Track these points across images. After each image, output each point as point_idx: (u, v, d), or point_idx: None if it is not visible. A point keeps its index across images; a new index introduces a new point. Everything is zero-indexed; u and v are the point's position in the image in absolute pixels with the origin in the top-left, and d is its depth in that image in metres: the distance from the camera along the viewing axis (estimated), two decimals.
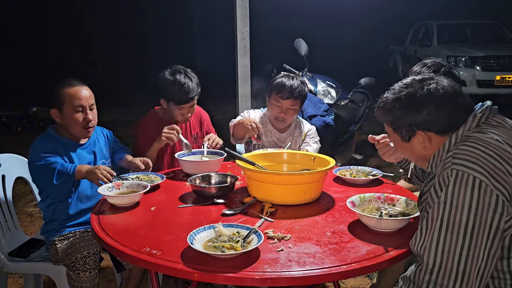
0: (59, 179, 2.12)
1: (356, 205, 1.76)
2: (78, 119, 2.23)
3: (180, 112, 2.61)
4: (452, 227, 1.27)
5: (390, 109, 1.49)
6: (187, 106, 2.60)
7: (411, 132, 1.47)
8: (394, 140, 1.56)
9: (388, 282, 2.26)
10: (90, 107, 2.27)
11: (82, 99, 2.23)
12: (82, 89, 2.25)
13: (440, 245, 1.27)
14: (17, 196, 4.40)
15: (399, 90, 1.48)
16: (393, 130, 1.52)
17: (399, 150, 1.61)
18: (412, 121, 1.45)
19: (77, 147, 2.31)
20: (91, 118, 2.27)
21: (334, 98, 4.91)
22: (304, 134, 2.85)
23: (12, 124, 7.50)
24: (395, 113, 1.48)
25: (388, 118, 1.52)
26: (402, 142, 1.52)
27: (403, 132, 1.49)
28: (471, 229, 1.25)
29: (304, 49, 4.85)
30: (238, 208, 1.85)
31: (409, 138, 1.48)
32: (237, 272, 1.35)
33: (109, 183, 2.02)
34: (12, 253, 2.27)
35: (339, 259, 1.43)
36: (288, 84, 2.67)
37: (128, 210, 1.89)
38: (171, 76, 2.58)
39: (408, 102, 1.45)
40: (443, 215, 1.28)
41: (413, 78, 1.49)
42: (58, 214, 2.27)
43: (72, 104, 2.22)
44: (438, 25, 10.51)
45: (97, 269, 2.12)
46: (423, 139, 1.46)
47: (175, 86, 2.54)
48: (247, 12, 3.83)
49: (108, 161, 2.43)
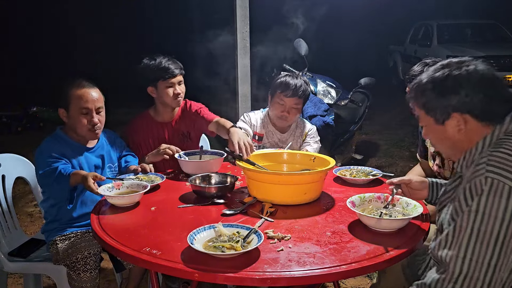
0: (59, 181, 2.11)
1: (356, 205, 1.76)
2: (83, 121, 2.20)
3: (170, 90, 2.59)
4: (483, 237, 1.23)
5: (425, 90, 1.43)
6: (175, 82, 2.60)
7: (446, 115, 1.40)
8: (427, 124, 1.48)
9: (388, 282, 2.26)
10: (97, 110, 2.23)
11: (89, 101, 2.20)
12: (91, 91, 2.22)
13: (468, 255, 1.24)
14: (17, 196, 4.40)
15: (434, 71, 1.43)
16: (426, 112, 1.45)
17: (430, 135, 1.52)
18: (448, 102, 1.38)
19: (85, 151, 2.29)
20: (97, 122, 2.23)
21: (334, 98, 4.91)
22: (305, 134, 2.86)
23: (12, 124, 7.50)
24: (430, 95, 1.42)
25: (421, 100, 1.45)
26: (435, 126, 1.44)
27: (437, 115, 1.42)
28: (502, 240, 1.22)
29: (304, 49, 4.85)
30: (238, 208, 1.85)
31: (444, 121, 1.41)
32: (237, 272, 1.35)
33: (109, 183, 2.02)
34: (12, 253, 2.27)
35: (339, 259, 1.43)
36: (293, 83, 2.68)
37: (128, 210, 1.89)
38: (149, 60, 2.61)
39: (444, 83, 1.39)
40: (473, 225, 1.24)
41: (450, 60, 1.44)
42: (61, 215, 2.26)
43: (78, 106, 2.19)
44: (438, 25, 10.52)
45: (97, 269, 2.11)
46: (457, 121, 1.39)
47: (156, 64, 2.57)
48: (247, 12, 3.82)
49: (115, 165, 2.41)
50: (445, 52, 9.17)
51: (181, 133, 2.76)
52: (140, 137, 2.68)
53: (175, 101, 2.63)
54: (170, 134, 2.73)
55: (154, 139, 2.69)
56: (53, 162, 2.13)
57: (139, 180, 2.16)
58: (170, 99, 2.61)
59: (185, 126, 2.77)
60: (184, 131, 2.77)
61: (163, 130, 2.72)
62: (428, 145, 2.46)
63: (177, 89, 2.61)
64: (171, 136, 2.73)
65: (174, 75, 2.58)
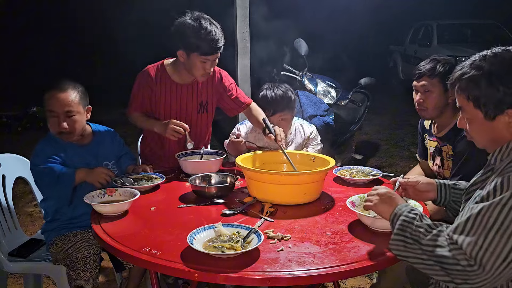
0: (59, 184, 2.12)
1: (356, 205, 1.76)
2: (52, 124, 2.16)
3: (202, 65, 2.31)
4: (504, 231, 1.20)
5: (478, 82, 1.32)
6: (211, 59, 2.31)
7: (499, 110, 1.31)
8: (472, 117, 1.39)
9: (388, 282, 2.26)
10: (67, 113, 2.14)
11: (55, 105, 2.13)
12: (60, 95, 2.13)
13: (485, 245, 1.21)
14: (17, 196, 4.40)
15: (487, 62, 1.33)
16: (475, 106, 1.35)
17: (471, 127, 1.43)
18: (503, 98, 1.29)
19: (78, 149, 2.28)
20: (64, 127, 2.14)
21: (334, 98, 4.91)
22: (307, 138, 2.79)
23: (12, 124, 7.51)
24: (484, 88, 1.32)
25: (472, 93, 1.35)
26: (483, 120, 1.36)
27: (489, 110, 1.33)
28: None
29: (304, 49, 4.85)
30: (238, 208, 1.85)
31: (494, 117, 1.33)
32: (237, 272, 1.35)
33: (102, 189, 1.99)
34: (12, 253, 2.27)
35: (339, 259, 1.43)
36: (270, 96, 2.60)
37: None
38: (195, 22, 2.24)
39: (502, 76, 1.29)
40: (497, 217, 1.22)
41: (505, 49, 1.34)
42: (61, 215, 2.27)
43: (47, 108, 2.15)
44: (438, 25, 10.53)
45: (97, 269, 2.12)
46: (509, 118, 1.31)
47: (200, 33, 2.21)
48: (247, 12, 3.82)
49: (112, 163, 2.39)
50: (445, 52, 9.16)
51: (199, 102, 2.56)
52: (155, 93, 2.46)
53: (202, 77, 2.40)
54: (189, 99, 2.52)
55: (172, 100, 2.49)
56: (48, 162, 2.14)
57: (139, 179, 2.17)
58: (198, 73, 2.35)
59: (206, 95, 2.57)
60: (204, 100, 2.57)
61: (180, 93, 2.50)
62: (427, 145, 2.46)
63: (210, 67, 2.34)
64: (189, 101, 2.53)
65: (213, 53, 2.28)
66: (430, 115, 2.29)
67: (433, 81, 2.19)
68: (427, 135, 2.46)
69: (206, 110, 2.60)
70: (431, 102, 2.22)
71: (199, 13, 2.31)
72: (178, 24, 2.30)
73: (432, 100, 2.22)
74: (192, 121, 2.56)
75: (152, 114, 2.53)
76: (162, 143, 2.62)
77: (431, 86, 2.21)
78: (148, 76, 2.48)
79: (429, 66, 2.21)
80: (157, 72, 2.49)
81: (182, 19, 2.29)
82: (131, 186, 2.07)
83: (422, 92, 2.24)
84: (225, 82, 2.60)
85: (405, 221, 1.35)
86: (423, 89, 2.23)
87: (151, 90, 2.48)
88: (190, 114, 2.55)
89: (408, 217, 1.36)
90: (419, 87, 2.25)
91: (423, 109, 2.26)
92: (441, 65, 2.18)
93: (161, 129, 2.36)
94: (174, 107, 2.51)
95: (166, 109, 2.51)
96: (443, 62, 2.20)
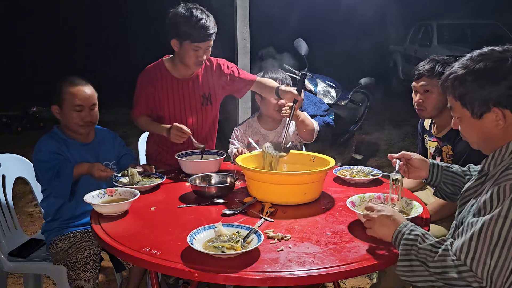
0: (59, 178, 2.12)
1: (356, 205, 1.76)
2: (76, 117, 2.24)
3: (195, 53, 2.36)
4: (510, 244, 1.21)
5: (463, 81, 1.33)
6: (203, 46, 2.35)
7: (485, 108, 1.32)
8: (461, 116, 1.40)
9: (388, 282, 2.26)
10: (91, 107, 2.27)
11: (83, 99, 2.24)
12: (85, 89, 2.26)
13: (493, 262, 1.22)
14: (17, 196, 4.40)
15: (473, 61, 1.33)
16: (462, 105, 1.37)
17: (462, 127, 1.44)
18: (488, 95, 1.30)
19: (80, 147, 2.31)
20: (89, 119, 2.27)
21: (334, 98, 4.92)
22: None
23: (12, 124, 7.51)
24: (469, 86, 1.32)
25: (458, 92, 1.36)
26: (471, 119, 1.37)
27: (475, 108, 1.33)
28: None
29: (304, 49, 4.85)
30: (238, 208, 1.85)
31: (481, 115, 1.34)
32: (237, 272, 1.35)
33: (102, 189, 1.99)
34: (12, 253, 2.27)
35: (339, 259, 1.43)
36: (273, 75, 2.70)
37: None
38: (186, 11, 2.32)
39: (486, 74, 1.29)
40: (500, 231, 1.22)
41: (492, 48, 1.34)
42: (61, 213, 2.27)
43: (72, 103, 2.22)
44: (438, 25, 10.53)
45: (97, 269, 2.12)
46: (496, 116, 1.31)
47: (191, 21, 2.28)
48: (247, 12, 3.83)
49: (112, 163, 2.41)
50: (445, 52, 9.17)
51: (201, 94, 2.59)
52: (158, 91, 2.49)
53: (195, 65, 2.43)
54: (192, 93, 2.55)
55: (174, 95, 2.53)
56: (51, 158, 2.17)
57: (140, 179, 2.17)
58: (191, 61, 2.40)
59: (208, 86, 2.59)
60: (206, 92, 2.59)
61: (182, 88, 2.54)
62: (428, 146, 2.46)
63: (202, 55, 2.38)
64: (192, 94, 2.56)
65: (203, 40, 2.33)
66: (429, 115, 2.29)
67: (432, 81, 2.19)
68: (427, 136, 2.46)
69: (210, 102, 2.62)
70: (430, 102, 2.22)
71: (193, 4, 2.37)
72: (171, 14, 2.37)
73: (431, 101, 2.22)
74: (197, 114, 2.59)
75: (156, 114, 2.55)
76: (167, 143, 2.61)
77: (430, 86, 2.21)
78: (149, 75, 2.53)
79: (428, 66, 2.21)
80: (157, 70, 2.53)
81: (175, 9, 2.36)
82: (131, 186, 2.07)
83: (422, 93, 2.24)
84: (224, 69, 2.63)
85: (407, 244, 1.35)
86: (423, 89, 2.23)
87: (154, 88, 2.51)
88: (194, 107, 2.57)
89: (409, 240, 1.36)
90: (418, 87, 2.25)
91: (423, 109, 2.26)
92: (440, 65, 2.18)
93: (165, 134, 2.40)
94: (178, 102, 2.54)
95: (170, 105, 2.54)
96: (442, 62, 2.20)
